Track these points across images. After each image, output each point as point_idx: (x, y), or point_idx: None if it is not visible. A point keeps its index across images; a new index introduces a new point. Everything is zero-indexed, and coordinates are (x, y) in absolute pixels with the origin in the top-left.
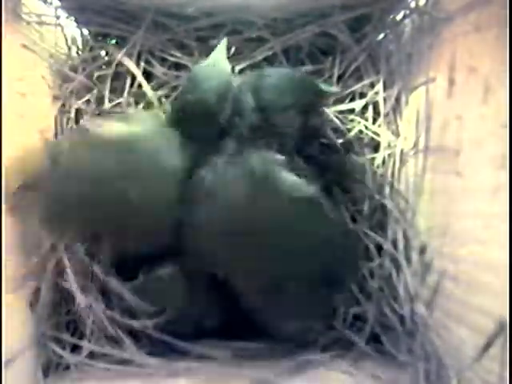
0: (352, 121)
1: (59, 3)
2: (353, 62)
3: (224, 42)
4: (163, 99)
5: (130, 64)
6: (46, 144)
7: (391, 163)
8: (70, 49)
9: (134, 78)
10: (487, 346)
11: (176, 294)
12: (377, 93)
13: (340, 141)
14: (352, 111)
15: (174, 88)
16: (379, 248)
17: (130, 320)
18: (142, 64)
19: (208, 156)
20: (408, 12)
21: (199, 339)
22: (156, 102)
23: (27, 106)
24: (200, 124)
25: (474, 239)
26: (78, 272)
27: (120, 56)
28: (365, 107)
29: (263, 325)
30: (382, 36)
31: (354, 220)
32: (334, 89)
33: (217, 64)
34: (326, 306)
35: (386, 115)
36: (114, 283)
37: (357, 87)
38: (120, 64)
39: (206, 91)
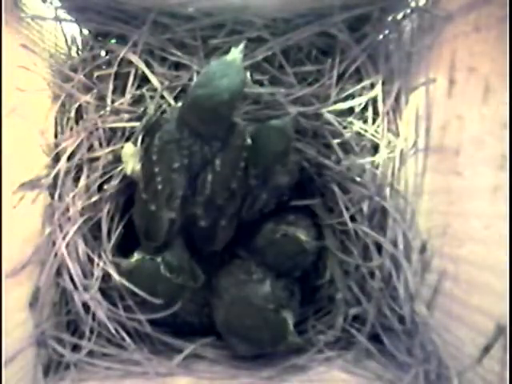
0: (351, 122)
1: (59, 3)
2: (352, 61)
3: (243, 44)
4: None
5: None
6: None
7: (391, 163)
8: (70, 49)
9: (134, 78)
10: (488, 348)
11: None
12: (376, 93)
13: (339, 141)
14: (351, 111)
15: (174, 88)
16: (379, 248)
17: (132, 314)
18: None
19: (215, 154)
20: (408, 12)
21: (195, 337)
22: (157, 101)
23: (27, 105)
24: (209, 120)
25: (474, 239)
26: (77, 271)
27: (122, 54)
28: (364, 107)
29: None
30: (381, 36)
31: (354, 220)
32: None
33: (233, 63)
34: None
35: (386, 115)
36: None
37: (357, 87)
38: (120, 64)
39: (219, 87)
